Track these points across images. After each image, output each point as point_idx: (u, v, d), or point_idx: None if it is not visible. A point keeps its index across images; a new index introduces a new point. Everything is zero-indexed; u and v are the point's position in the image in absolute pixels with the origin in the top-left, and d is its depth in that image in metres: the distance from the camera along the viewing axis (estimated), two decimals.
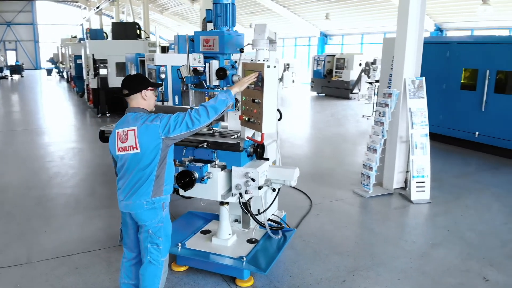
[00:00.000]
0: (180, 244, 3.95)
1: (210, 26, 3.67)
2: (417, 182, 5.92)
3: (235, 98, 3.49)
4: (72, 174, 6.93)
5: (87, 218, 5.15)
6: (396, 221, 5.39)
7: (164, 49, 12.87)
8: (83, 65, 13.87)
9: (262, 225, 3.99)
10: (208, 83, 3.57)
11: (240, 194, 3.45)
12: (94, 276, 3.82)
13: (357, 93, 18.36)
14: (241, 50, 3.50)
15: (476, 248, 4.50)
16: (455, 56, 9.08)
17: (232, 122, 4.02)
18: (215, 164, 3.50)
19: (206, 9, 3.68)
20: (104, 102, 12.52)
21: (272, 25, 5.94)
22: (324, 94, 19.66)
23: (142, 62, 6.81)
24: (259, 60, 3.27)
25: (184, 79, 3.89)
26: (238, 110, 3.65)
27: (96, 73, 12.01)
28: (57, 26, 41.34)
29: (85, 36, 15.05)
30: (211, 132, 3.70)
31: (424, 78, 6.10)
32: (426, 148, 6.00)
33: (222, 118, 3.83)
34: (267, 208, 3.92)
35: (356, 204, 5.81)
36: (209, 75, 3.54)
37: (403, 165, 6.33)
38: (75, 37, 23.84)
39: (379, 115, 6.04)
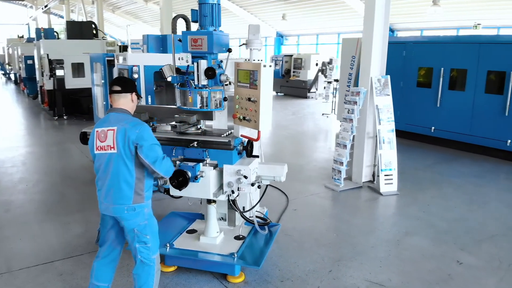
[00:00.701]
0: (168, 245, 3.94)
1: (180, 26, 3.73)
2: (385, 175, 6.24)
3: (225, 97, 3.57)
4: (38, 180, 6.65)
5: (62, 224, 4.98)
6: (369, 212, 5.66)
7: (123, 49, 12.57)
8: (36, 66, 13.23)
9: (250, 221, 4.07)
10: (196, 83, 3.59)
11: (233, 191, 3.51)
12: (81, 281, 3.73)
13: (315, 92, 18.85)
14: (229, 50, 3.55)
15: (446, 234, 4.83)
16: (411, 55, 9.59)
17: (217, 121, 4.05)
18: (206, 163, 3.54)
19: (192, 9, 3.69)
20: (61, 104, 12.03)
21: (228, 25, 6.05)
22: (282, 94, 19.99)
23: (109, 62, 6.65)
24: (254, 60, 3.34)
25: (168, 79, 3.91)
26: (224, 109, 3.73)
27: (52, 74, 11.51)
28: (0, 26, 38.94)
29: (36, 36, 14.33)
30: (199, 131, 3.72)
31: (389, 76, 6.42)
32: (392, 142, 6.34)
33: (210, 117, 3.86)
34: (255, 204, 4.00)
35: (330, 198, 6.03)
36: (198, 75, 3.56)
37: (371, 159, 6.64)
38: (22, 37, 22.64)
39: (348, 113, 6.29)
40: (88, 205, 5.53)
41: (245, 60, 3.53)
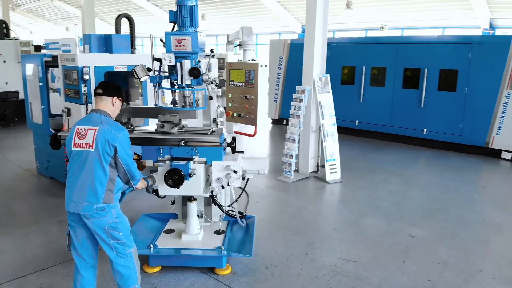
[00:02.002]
0: (152, 245, 3.95)
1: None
2: (330, 165, 6.78)
3: (210, 96, 3.71)
4: None
5: (20, 237, 4.65)
6: (322, 199, 6.14)
7: (38, 49, 11.66)
8: None
9: (231, 216, 4.24)
10: (180, 82, 3.66)
11: (222, 186, 3.66)
12: None
13: None
14: (211, 51, 3.69)
15: (393, 213, 5.47)
16: (334, 55, 10.37)
17: (193, 120, 4.14)
18: (195, 161, 3.63)
19: (170, 10, 3.75)
20: None
21: (142, 24, 6.13)
22: None
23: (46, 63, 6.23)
24: (249, 60, 3.51)
25: (141, 79, 3.92)
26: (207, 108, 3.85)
27: None
28: None
29: None
30: (183, 130, 3.79)
31: (328, 75, 6.98)
32: (335, 135, 6.91)
33: (191, 116, 3.94)
34: (237, 199, 4.19)
35: (284, 189, 6.40)
36: (181, 74, 3.63)
37: (315, 151, 7.15)
38: None
39: (295, 109, 6.71)
40: (41, 215, 5.23)
41: (238, 60, 3.69)
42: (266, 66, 3.36)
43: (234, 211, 4.52)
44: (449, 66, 8.67)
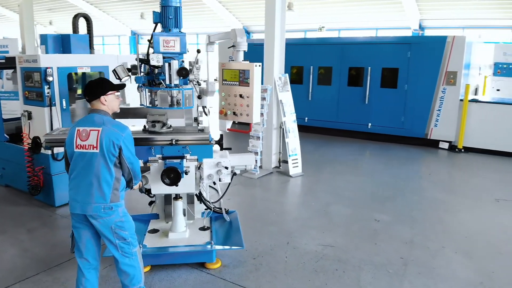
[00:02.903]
0: (141, 246, 3.96)
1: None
2: (292, 160, 7.12)
3: (199, 95, 3.82)
4: None
5: None
6: (289, 192, 6.45)
7: None
8: None
9: (217, 211, 4.38)
10: (168, 82, 3.73)
11: (214, 182, 3.79)
12: None
13: None
14: (198, 51, 3.80)
15: (355, 201, 5.91)
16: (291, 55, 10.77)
17: (175, 120, 4.21)
18: (186, 159, 3.72)
19: (154, 11, 3.79)
20: None
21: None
22: None
23: None
24: (243, 60, 3.66)
25: (123, 80, 3.93)
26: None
27: None
28: None
29: None
30: (171, 129, 3.85)
31: (287, 74, 7.31)
32: (295, 131, 7.26)
33: (181, 115, 4.01)
34: (223, 195, 4.32)
35: (252, 185, 6.62)
36: (170, 74, 3.70)
37: (276, 148, 7.45)
38: None
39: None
40: (6, 225, 4.97)
41: (231, 60, 3.82)
42: (260, 66, 3.54)
43: (219, 208, 4.65)
44: (390, 65, 9.42)
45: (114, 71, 4.05)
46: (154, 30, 3.97)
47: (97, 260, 3.14)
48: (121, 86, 3.32)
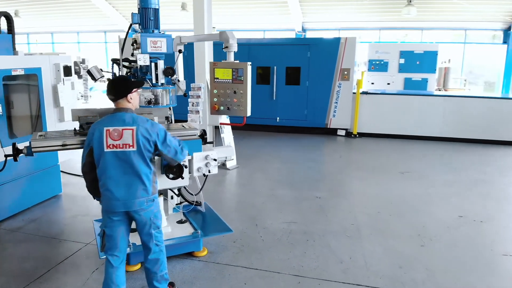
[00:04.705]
0: (131, 245, 4.05)
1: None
2: None
3: (185, 93, 4.10)
4: None
5: None
6: (233, 182, 6.93)
7: None
8: None
9: (197, 204, 4.65)
10: (154, 81, 3.90)
11: (204, 174, 4.09)
12: None
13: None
14: (180, 51, 4.05)
15: (294, 184, 6.66)
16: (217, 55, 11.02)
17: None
18: None
19: (133, 13, 3.91)
20: None
21: None
22: None
23: None
24: (237, 60, 3.99)
25: (98, 80, 4.01)
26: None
27: None
28: None
29: None
30: None
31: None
32: (228, 127, 7.71)
33: (166, 113, 4.16)
34: (201, 187, 4.60)
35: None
36: (156, 74, 3.89)
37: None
38: None
39: (193, 105, 7.19)
40: None
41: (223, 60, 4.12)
42: (250, 65, 3.95)
43: (197, 201, 4.88)
44: (293, 64, 10.46)
45: (89, 71, 4.05)
46: (128, 31, 4.08)
47: (125, 255, 3.26)
48: (141, 83, 3.43)
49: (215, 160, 4.09)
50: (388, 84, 13.44)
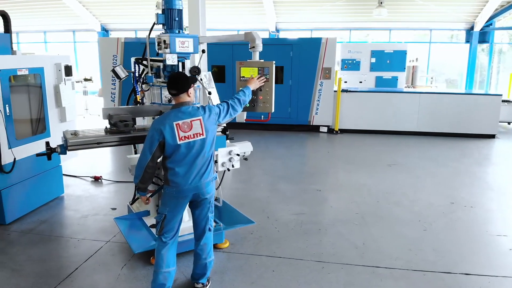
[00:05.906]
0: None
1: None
2: None
3: (209, 91, 4.24)
4: None
5: None
6: (234, 178, 7.06)
7: None
8: None
9: (215, 199, 4.80)
10: None
11: (228, 169, 4.26)
12: None
13: None
14: (203, 51, 4.20)
15: (292, 178, 6.94)
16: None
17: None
18: None
19: (158, 13, 4.02)
20: None
21: None
22: None
23: None
24: (261, 60, 4.17)
25: (123, 79, 4.12)
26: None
27: None
28: None
29: None
30: None
31: (210, 72, 7.81)
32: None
33: None
34: (220, 182, 4.76)
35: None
36: None
37: None
38: None
39: None
40: None
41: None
42: (274, 63, 4.18)
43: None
44: (276, 63, 10.46)
45: (114, 71, 4.12)
46: (150, 32, 4.20)
47: (177, 236, 3.51)
48: (195, 79, 3.77)
49: (238, 155, 4.28)
50: (360, 82, 14.00)
